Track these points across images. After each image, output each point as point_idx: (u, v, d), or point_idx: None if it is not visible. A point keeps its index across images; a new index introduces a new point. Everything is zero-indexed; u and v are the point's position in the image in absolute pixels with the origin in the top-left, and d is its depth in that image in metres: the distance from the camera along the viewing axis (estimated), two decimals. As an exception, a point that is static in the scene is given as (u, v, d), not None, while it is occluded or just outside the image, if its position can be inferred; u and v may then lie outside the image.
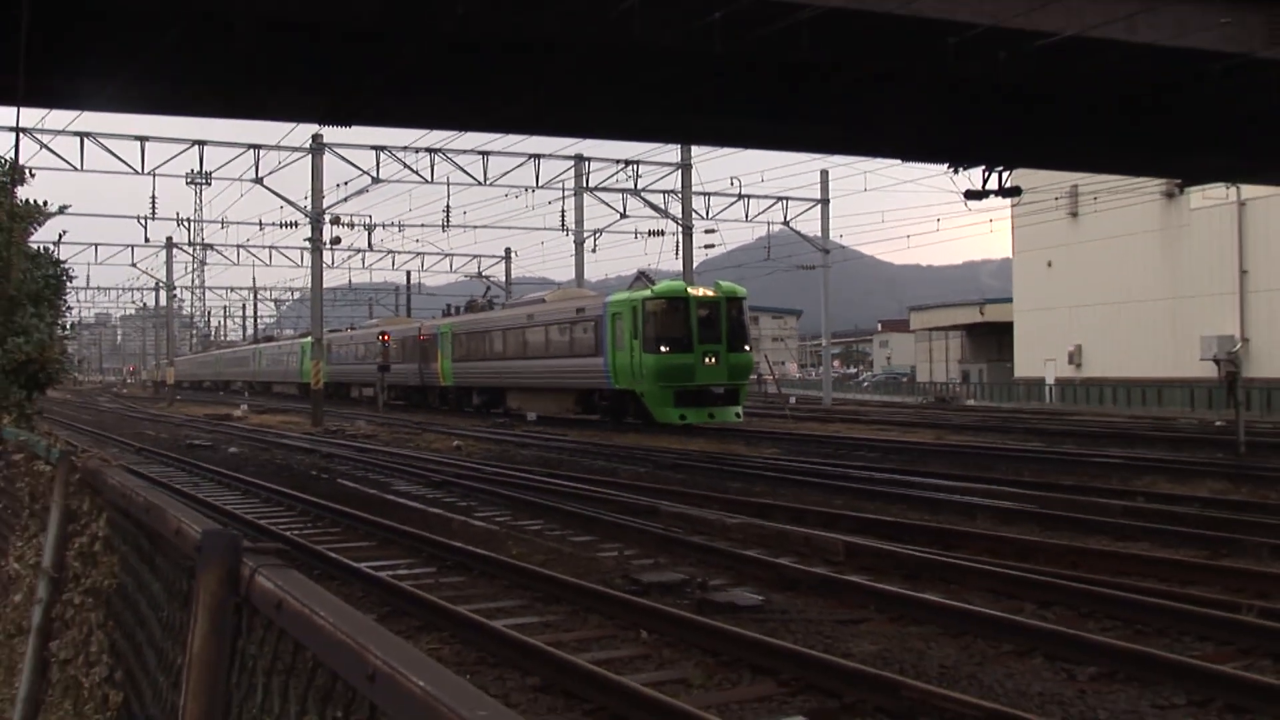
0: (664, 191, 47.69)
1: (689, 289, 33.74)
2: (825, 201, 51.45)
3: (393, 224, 57.76)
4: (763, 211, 49.76)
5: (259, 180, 41.47)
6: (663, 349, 32.28)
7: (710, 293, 33.46)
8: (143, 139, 36.98)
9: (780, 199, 49.90)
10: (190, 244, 71.93)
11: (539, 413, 39.97)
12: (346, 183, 44.33)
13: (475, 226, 70.36)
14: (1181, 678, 7.59)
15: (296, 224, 50.56)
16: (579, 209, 51.11)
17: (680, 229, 47.59)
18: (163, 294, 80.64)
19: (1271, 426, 34.20)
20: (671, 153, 45.82)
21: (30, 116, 31.85)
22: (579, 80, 18.50)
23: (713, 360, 32.45)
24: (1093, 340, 56.49)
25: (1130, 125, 21.66)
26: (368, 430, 36.56)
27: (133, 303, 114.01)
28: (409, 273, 77.48)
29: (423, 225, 70.28)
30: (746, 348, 33.94)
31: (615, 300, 34.81)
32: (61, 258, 10.23)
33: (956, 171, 26.73)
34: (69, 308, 9.99)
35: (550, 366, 38.63)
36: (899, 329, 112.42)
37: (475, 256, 67.41)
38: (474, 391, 46.68)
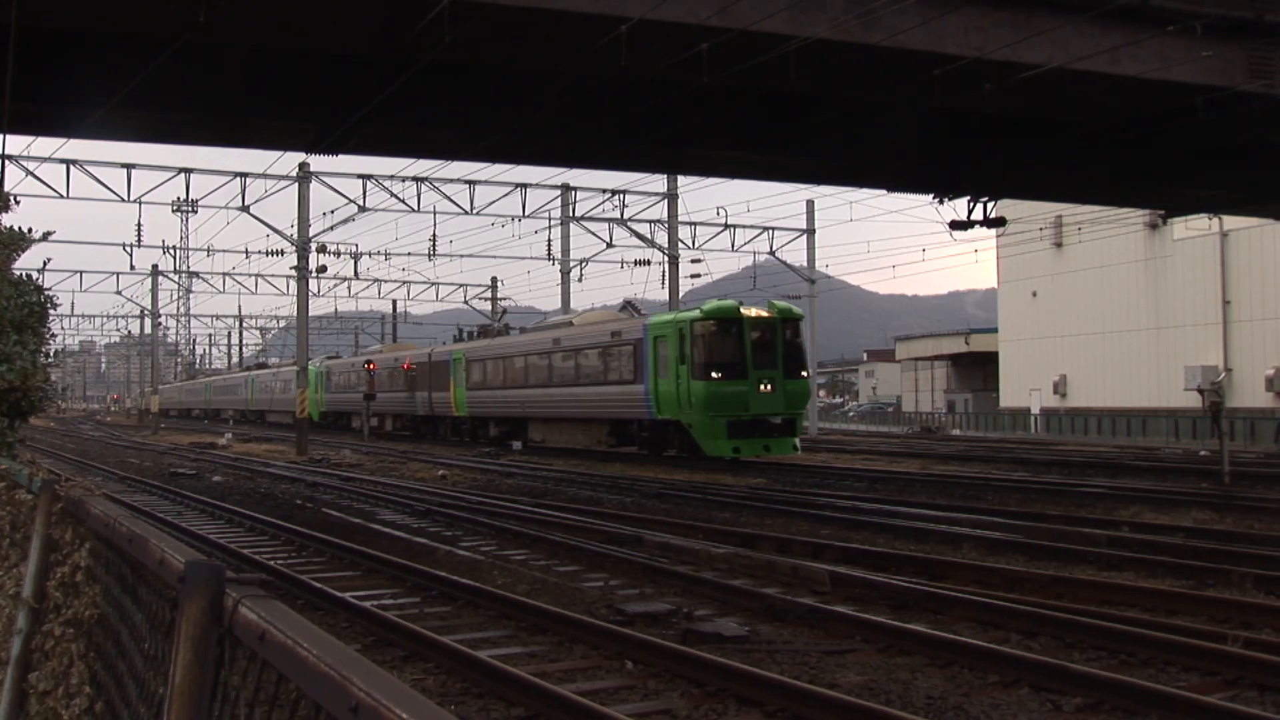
0: (650, 221, 47.90)
1: (742, 309, 30.21)
2: (811, 231, 51.65)
3: (379, 253, 57.75)
4: (749, 241, 49.95)
5: (245, 208, 41.50)
6: (714, 375, 29.15)
7: (765, 313, 30.36)
8: (129, 166, 36.98)
9: (766, 229, 50.09)
10: (175, 272, 71.97)
11: (568, 445, 37.13)
12: (333, 211, 44.41)
13: (461, 255, 70.46)
14: (1167, 709, 7.58)
15: (283, 252, 50.57)
16: (565, 238, 51.28)
17: (666, 258, 47.70)
18: (147, 322, 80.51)
19: (1255, 456, 34.31)
20: (658, 182, 46.06)
21: (16, 144, 31.87)
22: (566, 110, 18.57)
23: (768, 387, 29.43)
24: (1077, 370, 56.70)
25: (1116, 156, 21.82)
26: (353, 459, 36.43)
27: (117, 330, 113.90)
28: (395, 301, 77.53)
29: (409, 254, 70.53)
30: (804, 374, 31.09)
31: (657, 322, 31.90)
32: (46, 285, 10.19)
33: (942, 202, 26.87)
34: (53, 335, 9.94)
35: (580, 395, 35.56)
36: (885, 359, 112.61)
37: (461, 285, 67.46)
38: (491, 422, 43.21)
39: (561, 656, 9.63)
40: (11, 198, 10.32)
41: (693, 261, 49.67)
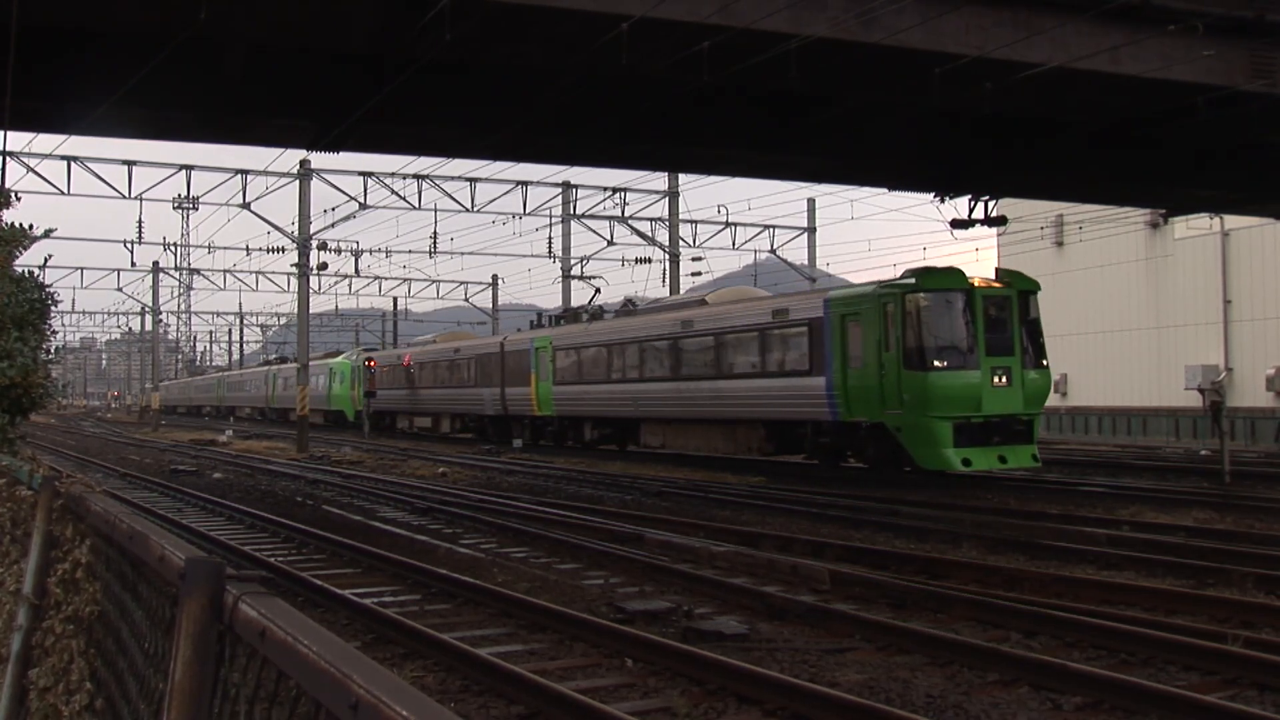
0: (651, 219, 47.87)
1: (968, 278, 23.29)
2: (812, 230, 51.59)
3: (380, 250, 57.64)
4: (750, 239, 49.88)
5: (246, 205, 41.54)
6: (935, 364, 22.42)
7: (996, 283, 23.47)
8: (130, 163, 37.00)
9: (767, 227, 50.03)
10: (176, 269, 72.12)
11: (698, 451, 30.80)
12: (334, 208, 44.47)
13: (462, 253, 70.29)
14: (1167, 708, 7.58)
15: (283, 249, 50.50)
16: (566, 236, 51.26)
17: (667, 256, 47.68)
18: (148, 318, 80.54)
19: (1256, 456, 34.30)
20: (659, 180, 45.98)
21: (16, 140, 31.90)
22: (566, 109, 18.56)
23: (1003, 380, 22.78)
24: (1078, 369, 56.65)
25: (1118, 156, 21.79)
26: (353, 456, 36.44)
27: (118, 327, 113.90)
28: (395, 299, 77.49)
29: (410, 251, 70.32)
30: (1045, 362, 23.99)
31: (845, 296, 25.03)
32: (47, 282, 10.19)
33: (943, 201, 26.82)
34: (54, 332, 9.94)
35: (724, 390, 28.65)
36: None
37: (462, 283, 67.45)
38: (587, 424, 36.24)
39: (561, 654, 9.63)
40: (12, 194, 10.33)
41: (693, 260, 49.65)
